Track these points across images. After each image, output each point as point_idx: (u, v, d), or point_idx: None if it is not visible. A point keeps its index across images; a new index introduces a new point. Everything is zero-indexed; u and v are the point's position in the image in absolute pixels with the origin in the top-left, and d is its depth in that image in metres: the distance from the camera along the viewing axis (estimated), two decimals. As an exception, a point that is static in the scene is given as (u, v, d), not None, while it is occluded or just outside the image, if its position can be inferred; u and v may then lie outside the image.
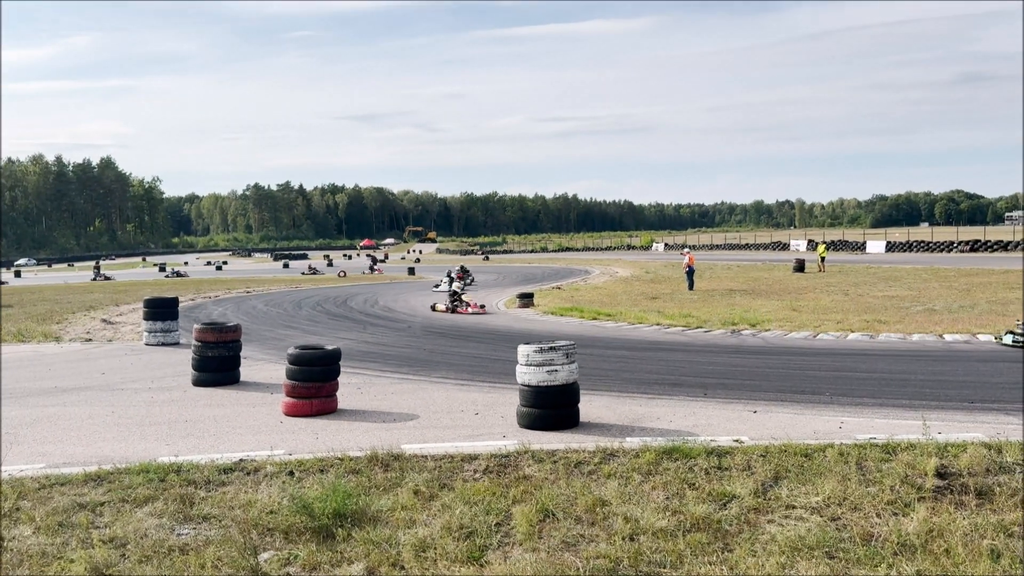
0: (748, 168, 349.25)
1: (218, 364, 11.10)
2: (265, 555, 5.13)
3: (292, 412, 8.97)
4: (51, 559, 5.11)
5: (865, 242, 64.44)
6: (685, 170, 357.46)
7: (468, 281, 34.16)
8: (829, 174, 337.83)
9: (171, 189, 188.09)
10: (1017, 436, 7.16)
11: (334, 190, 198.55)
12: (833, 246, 64.01)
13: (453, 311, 22.41)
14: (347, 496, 5.72)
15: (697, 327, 17.05)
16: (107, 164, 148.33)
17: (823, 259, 38.47)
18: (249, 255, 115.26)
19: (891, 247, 59.91)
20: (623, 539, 5.15)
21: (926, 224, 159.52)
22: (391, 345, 15.64)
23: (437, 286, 29.73)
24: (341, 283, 40.60)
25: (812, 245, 56.69)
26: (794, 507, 5.64)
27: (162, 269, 63.79)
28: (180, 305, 17.38)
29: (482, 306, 23.09)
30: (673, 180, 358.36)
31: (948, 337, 14.48)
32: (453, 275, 33.41)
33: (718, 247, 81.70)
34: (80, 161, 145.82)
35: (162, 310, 15.89)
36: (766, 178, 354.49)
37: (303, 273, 51.50)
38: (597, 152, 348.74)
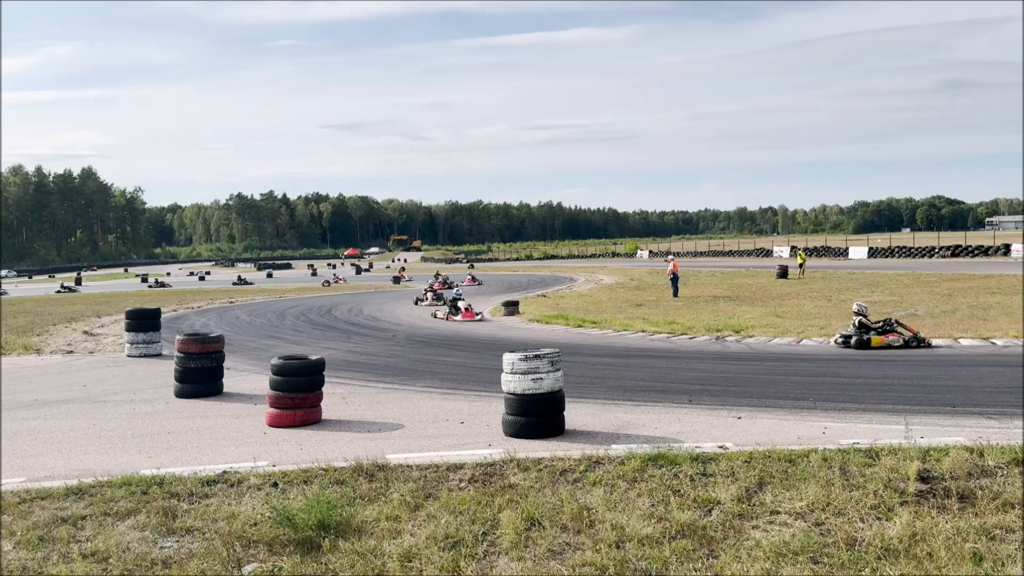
0: (731, 175, 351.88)
1: (201, 375, 11.03)
2: (249, 568, 5.10)
3: (276, 423, 8.92)
4: (32, 574, 5.05)
5: (847, 248, 64.93)
6: (669, 178, 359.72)
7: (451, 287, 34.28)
8: (811, 181, 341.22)
9: (153, 199, 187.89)
10: (999, 439, 7.23)
11: (318, 199, 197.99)
12: (815, 252, 64.42)
13: (446, 318, 22.32)
14: (331, 507, 5.70)
15: (682, 334, 17.11)
16: (88, 174, 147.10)
17: (802, 265, 38.77)
18: (232, 265, 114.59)
19: (873, 253, 60.39)
20: (609, 547, 5.15)
21: (908, 230, 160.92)
22: (376, 354, 15.60)
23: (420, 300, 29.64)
24: (325, 292, 40.44)
25: (794, 252, 57.09)
26: (778, 512, 5.66)
27: (144, 279, 63.24)
28: (162, 316, 17.25)
29: (477, 313, 22.68)
30: (657, 188, 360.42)
31: (932, 342, 14.59)
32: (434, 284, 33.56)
33: (702, 254, 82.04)
34: (61, 172, 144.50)
35: (144, 321, 15.77)
36: (749, 185, 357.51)
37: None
38: (582, 160, 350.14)
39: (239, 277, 57.53)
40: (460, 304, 23.08)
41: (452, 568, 4.98)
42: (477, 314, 22.45)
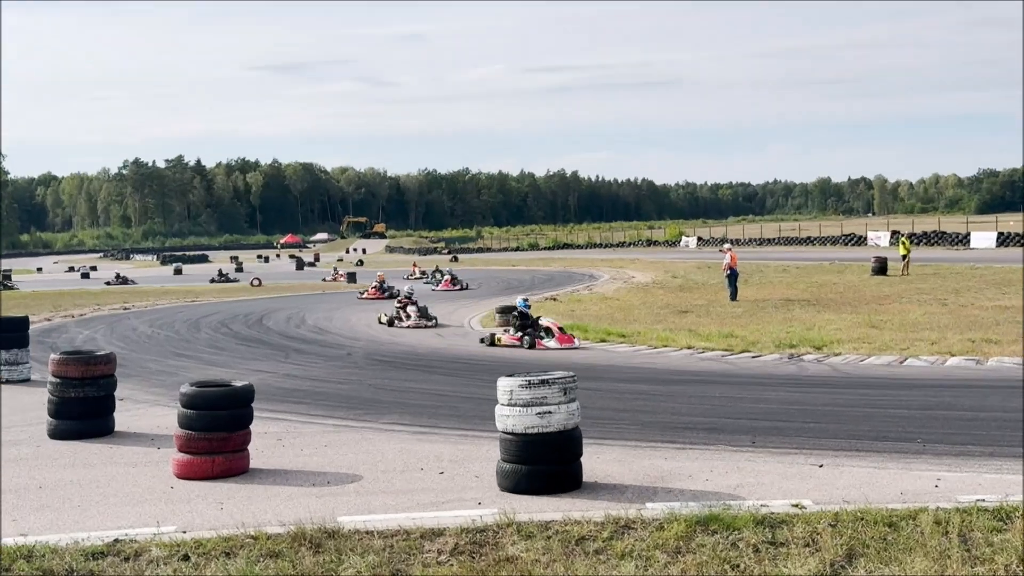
0: (810, 135, 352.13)
1: (84, 408, 11.02)
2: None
3: (187, 473, 8.92)
4: None
5: (969, 233, 65.01)
6: (724, 138, 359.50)
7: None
8: (920, 142, 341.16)
9: (18, 168, 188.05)
10: None
11: (245, 167, 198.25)
12: (925, 239, 64.55)
13: (531, 346, 18.94)
14: (263, 588, 5.69)
15: (743, 351, 17.23)
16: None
17: (906, 257, 38.83)
18: (128, 257, 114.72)
19: (1004, 240, 60.44)
20: (643, 642, 5.15)
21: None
22: (324, 379, 15.65)
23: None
24: (255, 295, 40.46)
25: (896, 238, 57.19)
26: (875, 595, 5.67)
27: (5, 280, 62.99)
28: (31, 327, 17.24)
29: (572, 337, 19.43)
30: (708, 151, 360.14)
31: None
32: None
33: (770, 242, 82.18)
34: None
35: (5, 335, 15.75)
36: (834, 148, 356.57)
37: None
38: (606, 114, 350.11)
39: (248, 279, 54.18)
40: (546, 322, 19.69)
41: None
42: (571, 336, 19.39)
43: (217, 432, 8.94)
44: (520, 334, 19.41)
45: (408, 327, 24.17)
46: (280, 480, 8.88)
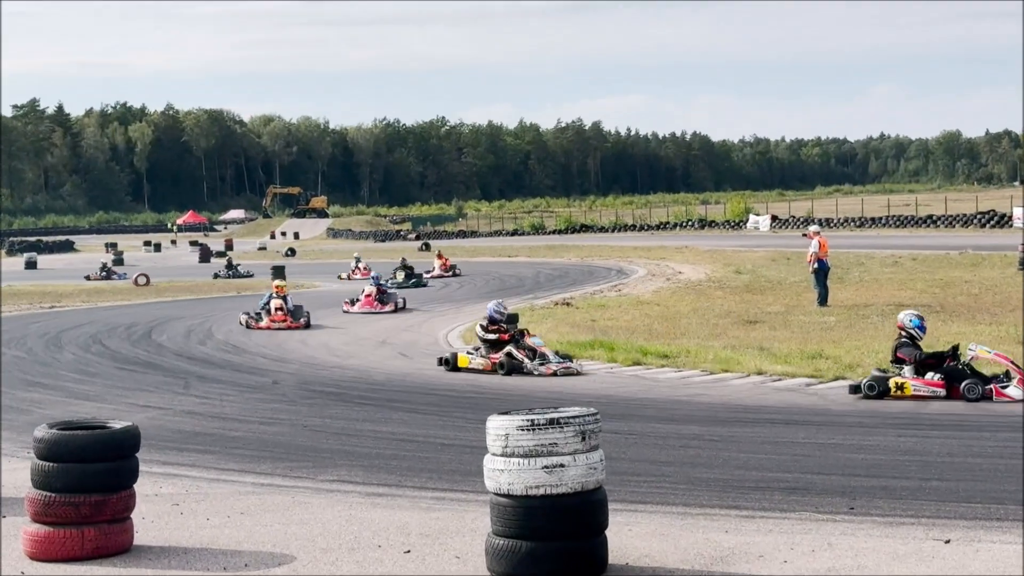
0: (932, 70, 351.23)
1: None
2: None
3: (45, 553, 8.81)
4: None
5: None
6: (810, 75, 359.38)
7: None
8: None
9: None
10: None
11: (126, 117, 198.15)
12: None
13: (981, 396, 15.20)
14: None
15: (836, 378, 17.25)
16: None
17: None
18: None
19: None
20: None
21: None
22: (240, 419, 15.69)
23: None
24: (143, 298, 40.57)
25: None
26: None
27: None
28: None
29: None
30: (787, 94, 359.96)
31: None
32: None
33: (875, 222, 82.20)
34: None
35: None
36: (967, 89, 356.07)
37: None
38: (639, 42, 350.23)
39: None
40: (979, 351, 15.77)
41: None
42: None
43: (88, 494, 8.79)
44: (937, 376, 15.89)
45: (550, 374, 19.42)
46: (178, 562, 8.78)
